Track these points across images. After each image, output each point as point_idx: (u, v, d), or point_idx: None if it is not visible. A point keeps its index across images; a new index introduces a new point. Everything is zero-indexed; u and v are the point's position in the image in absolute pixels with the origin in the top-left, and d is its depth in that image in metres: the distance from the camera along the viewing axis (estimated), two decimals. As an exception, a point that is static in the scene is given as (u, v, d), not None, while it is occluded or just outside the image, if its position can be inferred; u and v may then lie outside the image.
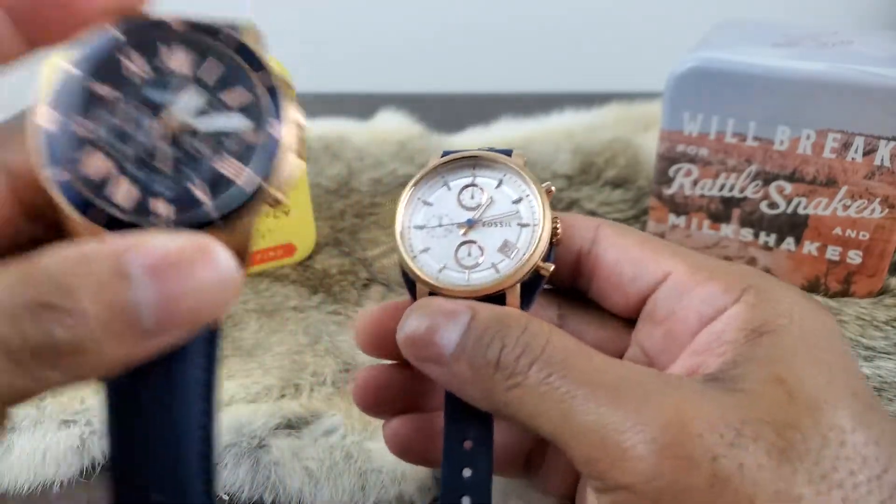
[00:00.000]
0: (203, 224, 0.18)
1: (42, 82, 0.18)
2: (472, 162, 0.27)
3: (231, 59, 0.19)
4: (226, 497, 0.32)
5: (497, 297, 0.24)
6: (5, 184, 0.18)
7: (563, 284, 0.28)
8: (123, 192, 0.18)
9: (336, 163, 0.59)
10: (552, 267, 0.25)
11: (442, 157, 0.27)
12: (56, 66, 0.18)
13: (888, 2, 0.87)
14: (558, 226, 0.25)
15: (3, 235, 0.19)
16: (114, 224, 0.17)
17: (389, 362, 0.28)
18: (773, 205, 0.41)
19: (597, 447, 0.20)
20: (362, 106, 0.69)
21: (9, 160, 0.18)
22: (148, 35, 0.18)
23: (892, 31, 0.44)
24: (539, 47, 0.94)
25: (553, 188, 0.26)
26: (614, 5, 0.91)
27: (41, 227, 0.19)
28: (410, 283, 0.26)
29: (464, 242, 0.26)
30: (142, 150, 0.18)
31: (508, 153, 0.27)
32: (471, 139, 0.64)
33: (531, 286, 0.25)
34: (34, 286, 0.14)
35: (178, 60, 0.19)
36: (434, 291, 0.25)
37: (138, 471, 0.18)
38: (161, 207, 0.18)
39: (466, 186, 0.27)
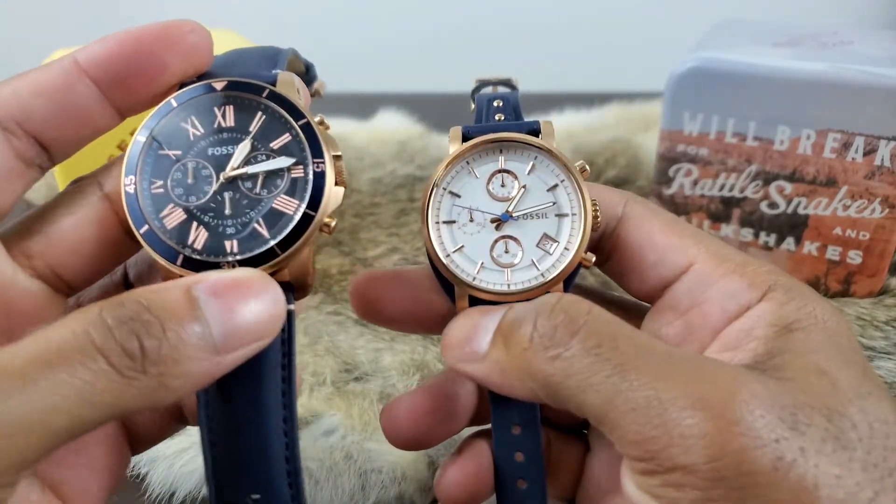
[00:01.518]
0: (267, 255, 0.21)
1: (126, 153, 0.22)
2: (498, 145, 0.25)
3: (270, 109, 0.22)
4: (226, 497, 0.32)
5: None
6: (110, 208, 0.22)
7: None
8: (196, 236, 0.21)
9: (336, 163, 0.59)
10: (594, 258, 0.24)
11: (464, 137, 0.25)
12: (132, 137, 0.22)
13: (888, 2, 0.87)
14: (598, 213, 0.24)
15: (114, 251, 0.23)
16: (190, 264, 0.21)
17: (409, 393, 0.27)
18: (773, 205, 0.41)
19: (652, 425, 0.18)
20: (362, 106, 0.69)
21: (110, 190, 0.22)
22: (202, 101, 0.22)
23: (892, 31, 0.44)
24: (539, 47, 0.94)
25: (587, 167, 0.24)
26: (614, 5, 0.91)
27: (139, 245, 0.22)
28: (447, 283, 0.25)
29: (499, 238, 0.24)
30: (208, 198, 0.21)
31: (535, 128, 0.25)
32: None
33: (571, 276, 0.24)
34: (124, 307, 0.18)
35: (229, 118, 0.22)
36: (473, 295, 0.24)
37: (235, 475, 0.21)
38: (229, 246, 0.21)
39: (495, 173, 0.25)
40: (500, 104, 0.27)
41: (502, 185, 0.25)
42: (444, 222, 0.25)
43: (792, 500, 0.17)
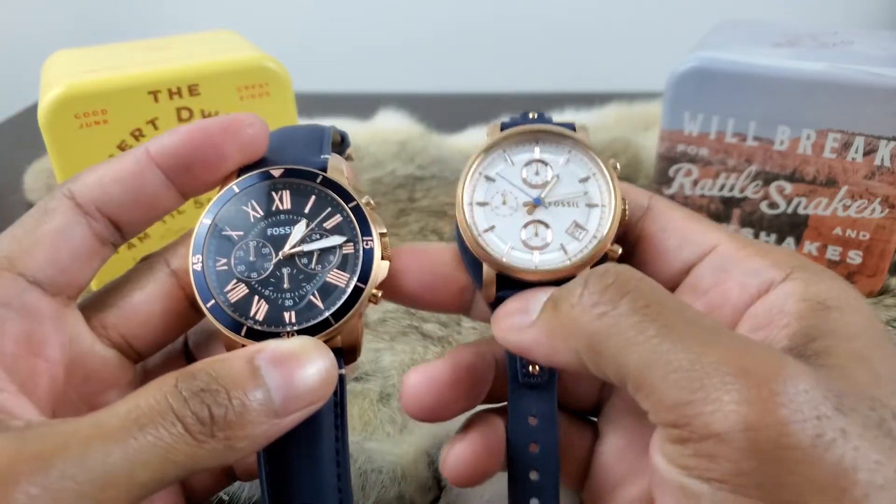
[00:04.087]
0: (322, 325, 0.23)
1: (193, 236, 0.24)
2: (535, 136, 0.26)
3: (323, 193, 0.24)
4: (226, 497, 0.32)
5: (565, 280, 0.23)
6: (176, 284, 0.25)
7: None
8: (257, 309, 0.23)
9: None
10: (620, 250, 0.24)
11: (502, 129, 0.26)
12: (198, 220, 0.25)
13: (888, 2, 0.87)
14: (627, 207, 0.25)
15: (180, 322, 0.25)
16: (253, 334, 0.23)
17: (431, 365, 0.26)
18: (773, 205, 0.41)
19: (691, 388, 0.18)
20: (362, 106, 0.69)
21: (176, 266, 0.25)
22: (261, 186, 0.24)
23: (892, 31, 0.44)
24: (539, 47, 0.94)
25: (618, 165, 0.25)
26: (614, 5, 0.91)
27: (201, 316, 0.24)
28: (474, 261, 0.25)
29: (530, 222, 0.25)
30: (268, 274, 0.24)
31: (571, 126, 0.26)
32: (471, 139, 0.64)
33: (598, 264, 0.24)
34: (196, 379, 0.20)
35: (286, 202, 0.24)
36: (502, 272, 0.24)
37: None
38: (287, 317, 0.23)
39: (530, 162, 0.26)
40: (535, 116, 0.27)
41: (536, 174, 0.25)
42: (478, 203, 0.25)
43: (829, 480, 0.17)
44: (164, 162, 0.24)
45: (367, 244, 0.24)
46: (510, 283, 0.24)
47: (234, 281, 0.23)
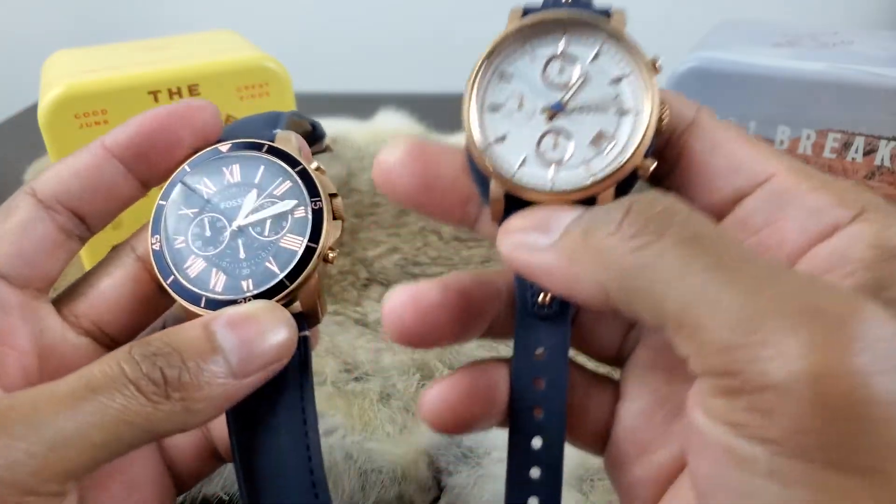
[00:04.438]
0: (277, 288, 0.23)
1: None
2: (562, 25, 0.21)
3: (272, 162, 0.25)
4: (226, 497, 0.32)
5: (587, 200, 0.21)
6: (143, 268, 0.25)
7: None
8: (216, 281, 0.23)
9: (336, 163, 0.59)
10: (654, 164, 0.20)
11: (523, 16, 0.22)
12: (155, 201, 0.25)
13: (888, 2, 0.87)
14: (665, 115, 0.21)
15: (149, 306, 0.25)
16: (212, 304, 0.23)
17: (424, 287, 0.23)
18: (773, 205, 0.41)
19: (745, 330, 0.15)
20: (362, 106, 0.69)
21: (142, 252, 0.25)
22: (211, 163, 0.25)
23: (892, 31, 0.44)
24: (539, 47, 0.94)
25: (660, 62, 0.21)
26: (614, 6, 0.91)
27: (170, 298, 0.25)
28: (481, 178, 0.22)
29: (549, 131, 0.21)
30: (224, 246, 0.24)
31: (607, 12, 0.22)
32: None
33: (627, 184, 0.21)
34: (150, 345, 0.20)
35: (236, 174, 0.25)
36: (511, 192, 0.21)
37: (264, 488, 0.23)
38: (245, 285, 0.23)
39: (554, 57, 0.22)
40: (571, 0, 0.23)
41: (560, 72, 0.21)
42: (490, 107, 0.22)
43: None
44: (120, 152, 0.24)
45: (315, 205, 0.24)
46: (521, 203, 0.21)
47: (193, 257, 0.24)
